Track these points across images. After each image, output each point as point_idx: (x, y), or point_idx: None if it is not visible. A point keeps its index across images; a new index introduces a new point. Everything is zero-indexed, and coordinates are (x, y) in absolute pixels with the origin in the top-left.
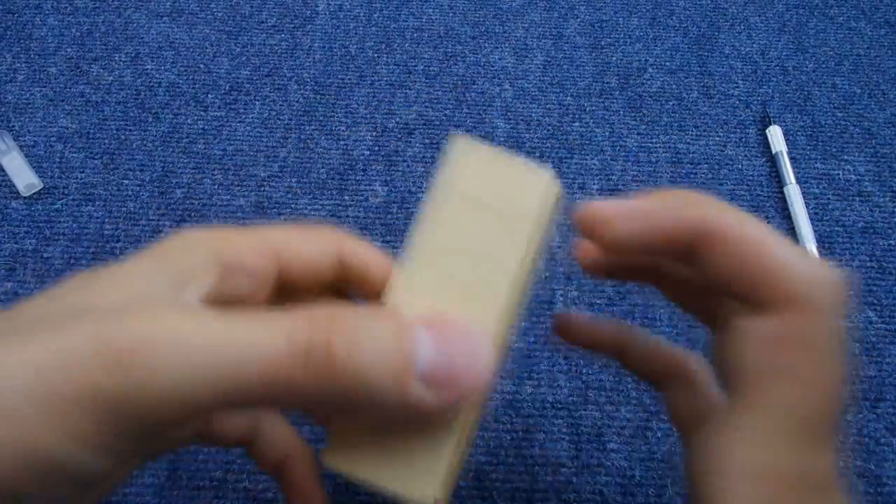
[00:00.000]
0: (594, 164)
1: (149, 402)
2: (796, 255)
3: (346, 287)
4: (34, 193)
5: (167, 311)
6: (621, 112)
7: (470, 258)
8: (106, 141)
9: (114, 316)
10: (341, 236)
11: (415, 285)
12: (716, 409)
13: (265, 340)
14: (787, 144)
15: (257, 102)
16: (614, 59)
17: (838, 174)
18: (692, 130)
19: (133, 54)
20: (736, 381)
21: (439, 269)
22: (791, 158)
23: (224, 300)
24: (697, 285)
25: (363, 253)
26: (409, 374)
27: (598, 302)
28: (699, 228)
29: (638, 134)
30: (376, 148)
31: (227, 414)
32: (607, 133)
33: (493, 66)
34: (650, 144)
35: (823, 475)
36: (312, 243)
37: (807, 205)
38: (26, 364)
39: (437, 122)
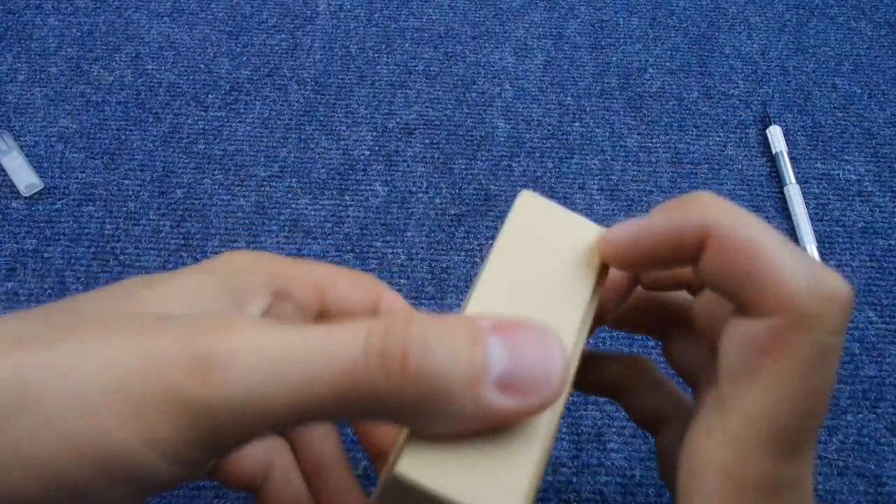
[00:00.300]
0: (594, 164)
1: (229, 414)
2: (797, 261)
3: None
4: (35, 193)
5: (246, 324)
6: (621, 112)
7: (539, 297)
8: (106, 141)
9: (198, 326)
10: (380, 287)
11: (485, 309)
12: (681, 406)
13: (341, 348)
14: (787, 144)
15: (257, 102)
16: (614, 59)
17: (838, 174)
18: (692, 130)
19: (133, 54)
20: (714, 378)
21: (508, 302)
22: (791, 158)
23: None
24: (646, 300)
25: (398, 308)
26: (483, 380)
27: None
28: (697, 230)
29: (638, 134)
30: (376, 148)
31: (245, 449)
32: (607, 133)
33: (493, 66)
34: (650, 144)
35: (793, 485)
36: (355, 289)
37: (807, 205)
38: (108, 363)
39: (437, 122)
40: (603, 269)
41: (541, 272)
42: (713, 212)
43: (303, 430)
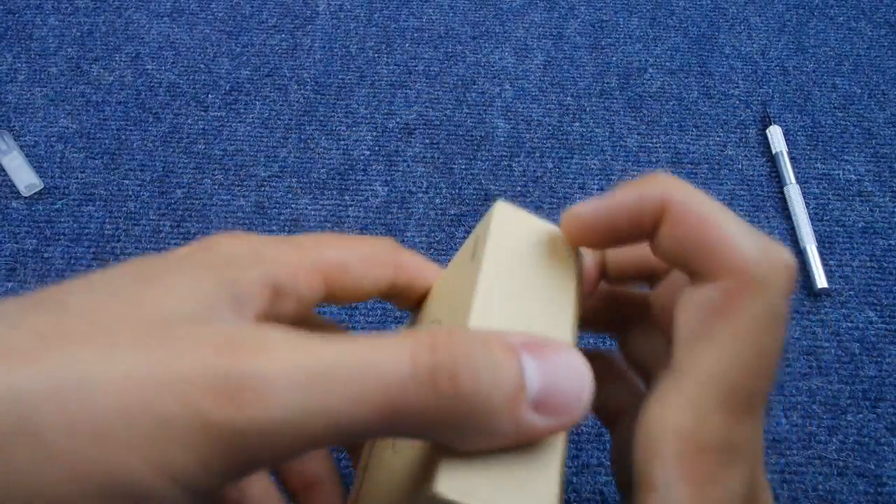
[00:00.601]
0: (594, 164)
1: (264, 439)
2: (744, 232)
3: (390, 299)
4: (35, 193)
5: (281, 341)
6: (621, 112)
7: (532, 310)
8: (106, 141)
9: (226, 343)
10: (398, 256)
11: (487, 323)
12: (640, 400)
13: (388, 366)
14: (787, 144)
15: (257, 102)
16: (614, 59)
17: (838, 174)
18: (692, 130)
19: (133, 54)
20: (671, 347)
21: (504, 313)
22: (791, 158)
23: (268, 320)
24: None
25: (418, 273)
26: (522, 401)
27: None
28: (655, 204)
29: (638, 134)
30: (376, 148)
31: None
32: (607, 133)
33: (493, 66)
34: (650, 144)
35: (747, 445)
36: (367, 269)
37: (807, 205)
38: (118, 381)
39: (437, 122)
40: (580, 275)
41: (528, 284)
42: (670, 188)
43: None
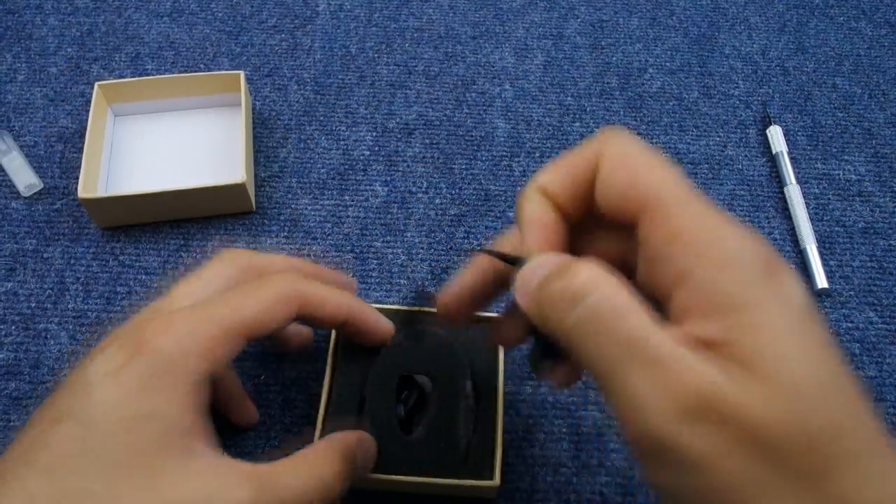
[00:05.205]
0: None
1: None
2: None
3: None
4: (35, 193)
5: None
6: (621, 112)
7: None
8: None
9: None
10: (300, 290)
11: None
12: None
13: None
14: (787, 144)
15: (257, 103)
16: (614, 59)
17: (838, 174)
18: (692, 130)
19: (133, 54)
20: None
21: None
22: (791, 158)
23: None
24: None
25: (320, 302)
26: None
27: None
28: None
29: (638, 134)
30: (376, 148)
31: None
32: None
33: (493, 66)
34: (650, 144)
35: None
36: (275, 316)
37: (807, 205)
38: None
39: (437, 122)
40: None
41: None
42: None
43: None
